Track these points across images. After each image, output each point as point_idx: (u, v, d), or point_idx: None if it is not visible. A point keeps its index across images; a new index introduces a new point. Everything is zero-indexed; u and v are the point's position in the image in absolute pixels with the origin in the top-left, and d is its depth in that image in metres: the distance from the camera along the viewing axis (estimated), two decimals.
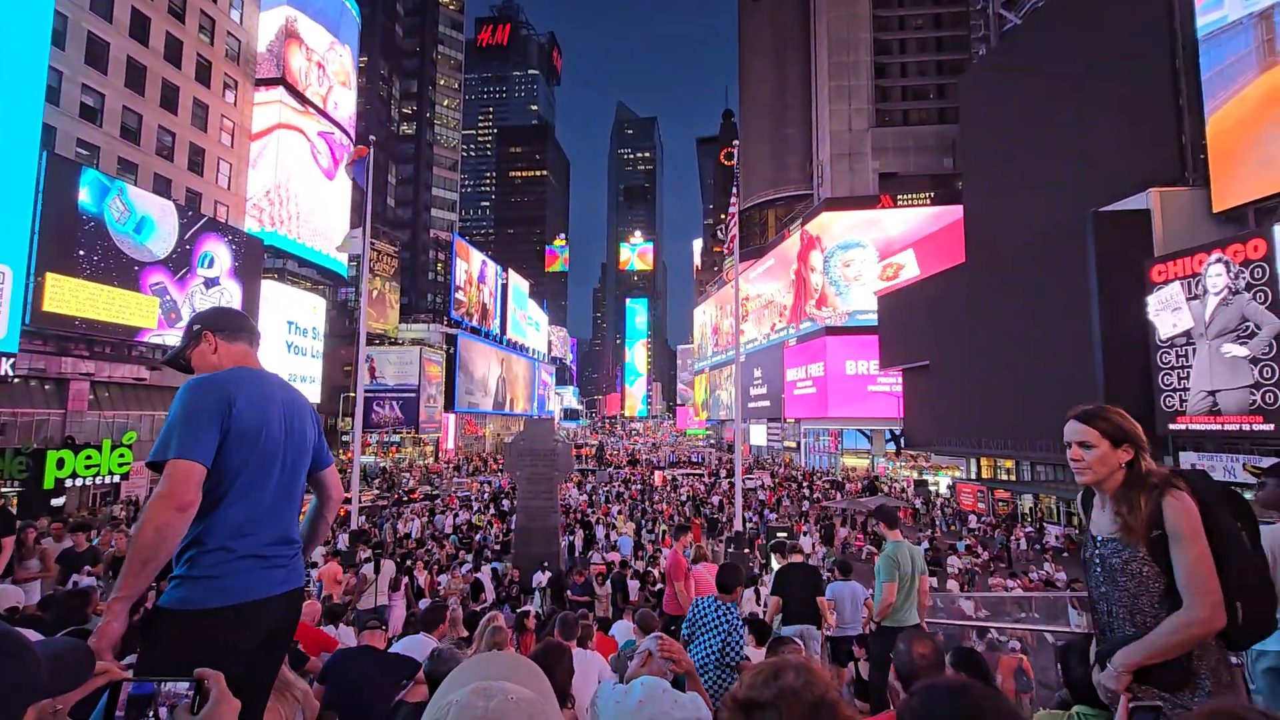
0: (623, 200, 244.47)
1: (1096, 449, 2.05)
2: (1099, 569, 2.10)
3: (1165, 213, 23.72)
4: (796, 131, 65.34)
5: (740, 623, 4.03)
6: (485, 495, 31.97)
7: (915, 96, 56.56)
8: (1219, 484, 2.04)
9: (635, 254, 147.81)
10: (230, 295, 32.00)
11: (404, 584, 9.40)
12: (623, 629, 6.84)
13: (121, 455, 22.18)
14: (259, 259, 34.83)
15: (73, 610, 3.94)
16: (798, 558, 7.28)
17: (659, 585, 12.72)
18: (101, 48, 27.38)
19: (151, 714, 0.97)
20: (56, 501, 20.06)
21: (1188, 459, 21.40)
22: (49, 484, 19.61)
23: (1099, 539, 2.10)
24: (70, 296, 24.08)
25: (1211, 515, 1.91)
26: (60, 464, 19.95)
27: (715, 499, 30.22)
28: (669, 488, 36.71)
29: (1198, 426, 21.12)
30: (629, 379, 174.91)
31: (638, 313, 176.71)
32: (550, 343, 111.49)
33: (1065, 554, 23.40)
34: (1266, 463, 3.48)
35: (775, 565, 7.34)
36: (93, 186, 25.12)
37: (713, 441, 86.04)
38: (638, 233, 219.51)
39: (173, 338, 28.79)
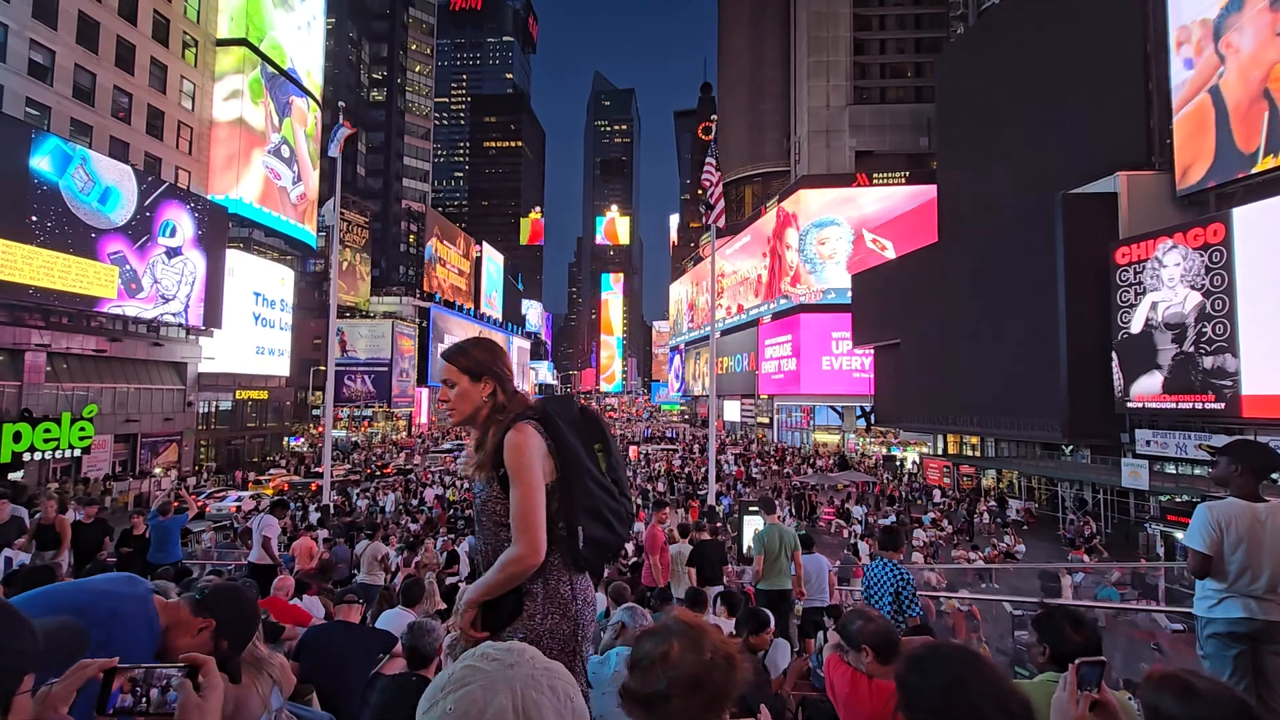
0: (599, 173, 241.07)
1: (458, 385, 1.99)
2: (475, 507, 2.08)
3: (1131, 196, 24.24)
4: (774, 107, 64.96)
5: (910, 576, 4.60)
6: (459, 467, 31.90)
7: (893, 74, 56.51)
8: (578, 409, 2.04)
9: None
10: (194, 265, 31.02)
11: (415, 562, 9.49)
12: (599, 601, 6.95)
13: (82, 429, 21.61)
14: (224, 227, 33.74)
15: (40, 583, 3.86)
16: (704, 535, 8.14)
17: (632, 559, 12.89)
18: (50, 0, 25.97)
19: (144, 696, 1.00)
20: (14, 475, 19.51)
21: (1144, 436, 22.23)
22: (5, 458, 19.05)
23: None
24: (23, 264, 23.11)
25: (562, 442, 1.91)
26: (17, 437, 19.38)
27: (688, 471, 30.57)
28: (642, 461, 37.03)
29: (1153, 405, 21.90)
30: (604, 354, 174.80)
31: (612, 287, 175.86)
32: (525, 317, 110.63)
33: (1025, 527, 24.24)
34: (1220, 441, 3.65)
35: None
36: (54, 155, 24.04)
37: (686, 417, 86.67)
38: (614, 207, 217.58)
39: (133, 308, 27.90)
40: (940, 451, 36.05)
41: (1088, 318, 23.58)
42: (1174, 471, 21.90)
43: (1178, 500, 20.40)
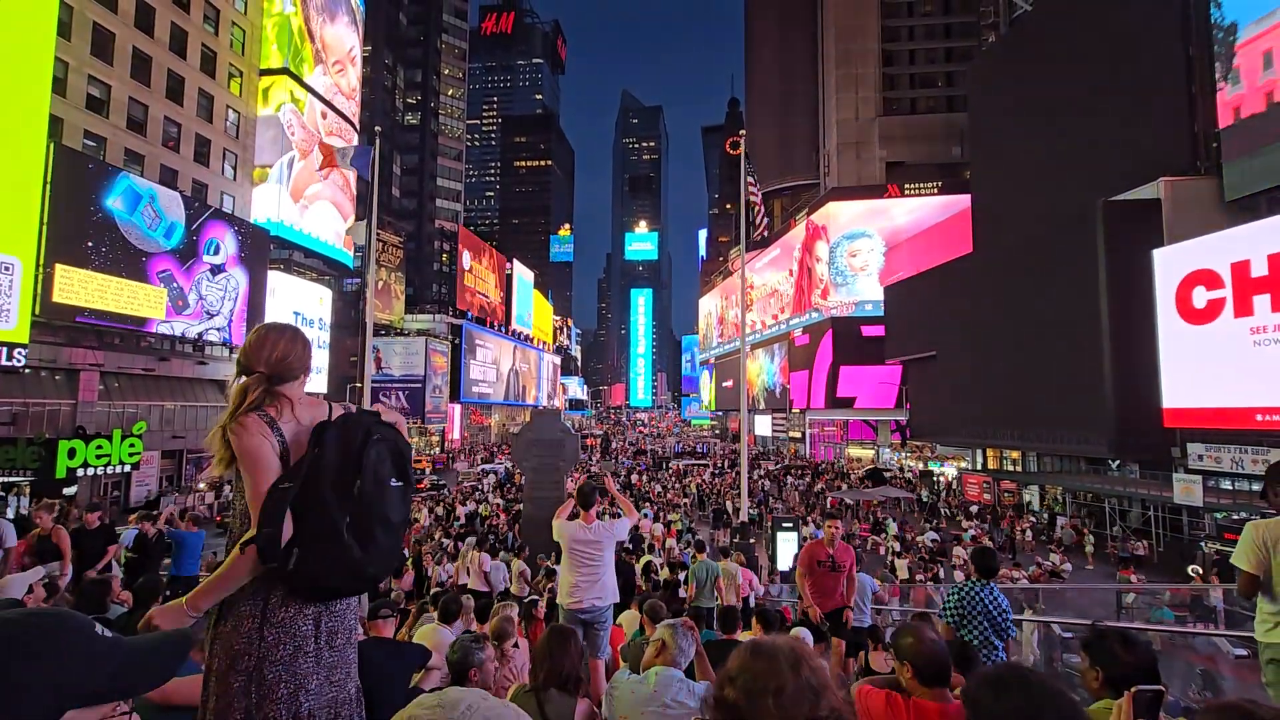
0: (627, 190, 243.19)
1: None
2: None
3: (1175, 202, 23.51)
4: (803, 120, 64.81)
5: (1005, 600, 4.46)
6: (489, 484, 32.17)
7: (924, 84, 55.96)
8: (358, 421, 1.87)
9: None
10: (237, 283, 32.05)
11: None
12: (629, 619, 6.87)
13: (131, 445, 22.33)
14: (265, 249, 34.87)
15: (93, 598, 3.99)
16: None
17: (662, 574, 12.83)
18: (107, 38, 27.33)
19: None
20: (68, 490, 20.25)
21: (1195, 450, 21.34)
22: (60, 473, 19.79)
23: None
24: (79, 287, 24.19)
25: (310, 458, 1.79)
26: (72, 454, 20.12)
27: (719, 487, 30.27)
28: (673, 477, 36.83)
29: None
30: (632, 369, 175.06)
31: (642, 302, 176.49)
32: (555, 333, 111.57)
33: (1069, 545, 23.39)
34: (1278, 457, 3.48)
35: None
36: (126, 195, 25.68)
37: (717, 431, 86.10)
38: (643, 223, 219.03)
39: (180, 325, 28.89)
40: (980, 466, 35.12)
41: (1132, 328, 22.83)
42: (1230, 487, 20.94)
43: (1235, 518, 19.49)
